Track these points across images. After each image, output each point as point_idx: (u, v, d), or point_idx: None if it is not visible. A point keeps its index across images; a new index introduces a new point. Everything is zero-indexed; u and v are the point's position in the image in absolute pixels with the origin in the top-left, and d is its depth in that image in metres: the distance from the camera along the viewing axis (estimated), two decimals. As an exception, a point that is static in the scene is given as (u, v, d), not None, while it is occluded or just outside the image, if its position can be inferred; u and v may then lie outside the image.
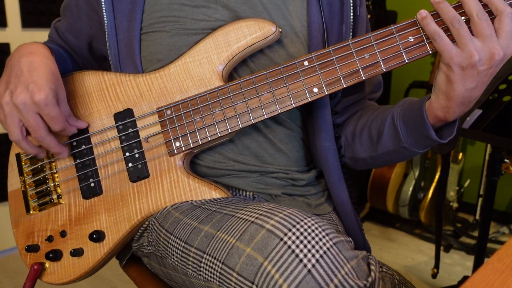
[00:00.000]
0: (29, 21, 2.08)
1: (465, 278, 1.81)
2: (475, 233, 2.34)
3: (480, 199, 2.40)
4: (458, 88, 0.62)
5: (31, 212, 0.81)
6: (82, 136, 0.78)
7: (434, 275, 1.82)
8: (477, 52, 0.59)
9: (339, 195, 0.82)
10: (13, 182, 0.84)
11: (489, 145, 2.25)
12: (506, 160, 1.70)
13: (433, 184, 2.39)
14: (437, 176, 2.40)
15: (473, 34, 0.60)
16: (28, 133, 0.73)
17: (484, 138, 1.26)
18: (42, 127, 0.71)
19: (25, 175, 0.82)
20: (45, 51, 0.76)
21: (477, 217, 2.46)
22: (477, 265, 1.46)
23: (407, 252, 2.22)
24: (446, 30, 0.63)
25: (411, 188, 2.40)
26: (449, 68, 0.62)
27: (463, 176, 2.65)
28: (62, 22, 0.90)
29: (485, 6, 0.61)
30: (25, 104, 0.68)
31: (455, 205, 2.47)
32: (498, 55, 0.59)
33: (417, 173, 2.41)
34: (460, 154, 2.46)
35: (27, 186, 0.82)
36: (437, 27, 0.62)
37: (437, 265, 1.81)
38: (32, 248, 0.78)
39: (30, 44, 0.77)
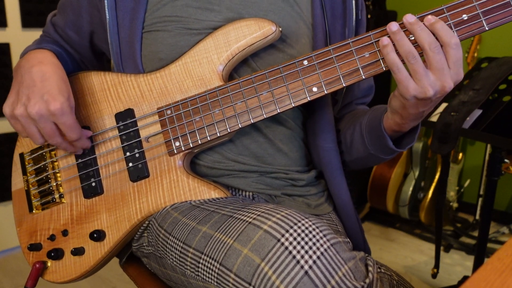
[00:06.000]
0: (29, 21, 2.08)
1: (465, 278, 1.81)
2: (475, 233, 2.34)
3: (480, 199, 2.40)
4: (412, 111, 0.66)
5: (34, 211, 0.81)
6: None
7: (434, 275, 1.82)
8: (432, 87, 0.61)
9: (341, 196, 0.82)
10: (17, 181, 0.84)
11: (489, 145, 2.25)
12: (506, 160, 1.69)
13: (433, 184, 2.39)
14: (437, 176, 2.40)
15: (426, 65, 0.62)
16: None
17: (484, 138, 1.26)
18: (58, 134, 0.72)
19: (28, 174, 0.83)
20: (54, 60, 0.76)
21: (477, 217, 2.46)
22: (477, 265, 1.46)
23: (407, 252, 2.22)
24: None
25: (411, 188, 2.40)
26: (404, 97, 0.63)
27: (463, 176, 2.65)
28: (61, 18, 0.88)
29: None
30: (41, 115, 0.69)
31: (455, 205, 2.47)
32: (448, 87, 0.61)
33: (417, 173, 2.41)
34: (460, 154, 2.46)
35: (30, 186, 0.82)
36: (396, 59, 0.63)
37: (437, 265, 1.81)
38: (35, 247, 0.79)
39: (38, 53, 0.77)
